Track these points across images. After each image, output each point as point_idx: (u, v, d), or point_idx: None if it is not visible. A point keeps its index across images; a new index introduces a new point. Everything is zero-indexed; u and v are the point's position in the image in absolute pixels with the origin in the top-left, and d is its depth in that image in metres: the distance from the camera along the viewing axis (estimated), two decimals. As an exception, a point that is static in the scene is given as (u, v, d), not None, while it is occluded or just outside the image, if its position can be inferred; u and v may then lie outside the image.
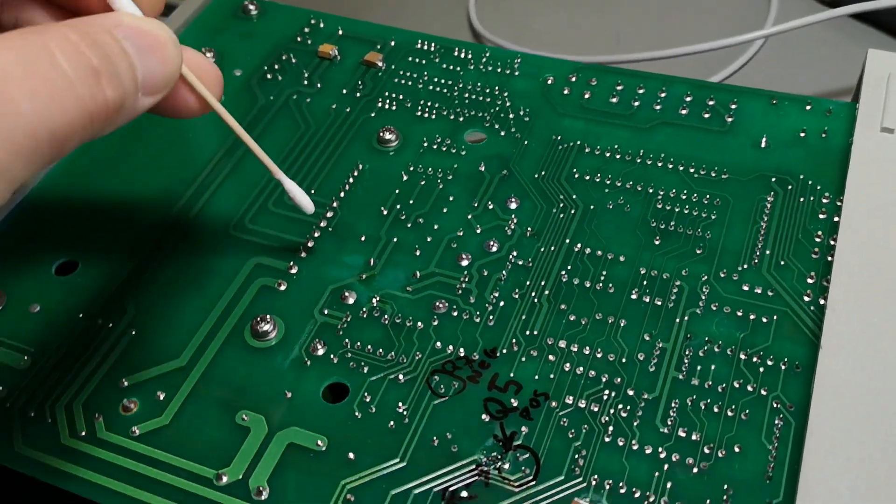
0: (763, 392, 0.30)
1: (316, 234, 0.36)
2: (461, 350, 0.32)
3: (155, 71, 0.24)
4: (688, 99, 0.40)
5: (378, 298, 0.34)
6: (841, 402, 0.28)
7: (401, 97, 0.42)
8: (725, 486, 0.28)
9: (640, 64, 0.48)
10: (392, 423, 0.30)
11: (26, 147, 0.20)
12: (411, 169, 0.39)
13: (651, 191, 0.37)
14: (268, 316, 0.33)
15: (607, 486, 0.28)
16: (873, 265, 0.31)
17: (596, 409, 0.30)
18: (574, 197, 0.37)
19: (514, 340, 0.32)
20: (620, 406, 0.30)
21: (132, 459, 0.30)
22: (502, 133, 0.40)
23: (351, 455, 0.29)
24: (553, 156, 0.38)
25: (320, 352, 0.32)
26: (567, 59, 0.44)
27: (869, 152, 0.35)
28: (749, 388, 0.30)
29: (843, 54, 0.51)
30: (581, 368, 0.31)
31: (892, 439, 0.27)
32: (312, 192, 0.38)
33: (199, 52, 0.27)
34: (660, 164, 0.38)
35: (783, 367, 0.30)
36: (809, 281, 0.33)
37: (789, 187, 0.36)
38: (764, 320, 0.32)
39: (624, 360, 0.31)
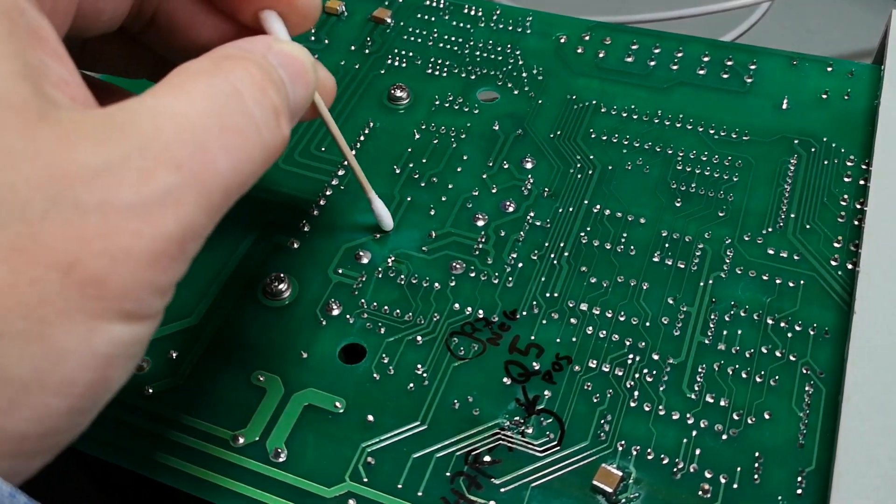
0: (792, 358, 0.29)
1: (328, 193, 0.35)
2: (480, 312, 0.31)
3: (300, 97, 0.23)
4: (705, 59, 0.39)
5: (393, 258, 0.33)
6: (876, 367, 0.27)
7: (410, 54, 0.41)
8: (756, 454, 0.27)
9: (648, 24, 0.47)
10: (411, 385, 0.29)
11: (220, 204, 0.20)
12: (423, 127, 0.38)
13: (670, 152, 0.36)
14: (281, 274, 0.32)
15: (634, 452, 0.27)
16: None
17: (620, 374, 0.29)
18: (591, 157, 0.36)
19: (534, 303, 0.31)
20: (646, 371, 0.29)
21: (145, 419, 0.29)
22: (515, 92, 0.39)
23: (370, 417, 0.29)
24: (568, 115, 0.38)
25: (335, 312, 0.31)
26: (576, 17, 0.43)
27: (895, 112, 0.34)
28: (777, 354, 0.29)
29: (850, 16, 0.51)
30: (604, 332, 0.30)
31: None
32: (323, 149, 0.37)
33: (320, 64, 0.27)
34: (678, 125, 0.37)
35: (812, 333, 0.30)
36: (836, 245, 0.32)
37: (812, 150, 0.35)
38: (791, 285, 0.31)
39: (648, 324, 0.30)
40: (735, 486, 0.27)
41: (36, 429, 0.18)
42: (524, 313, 0.31)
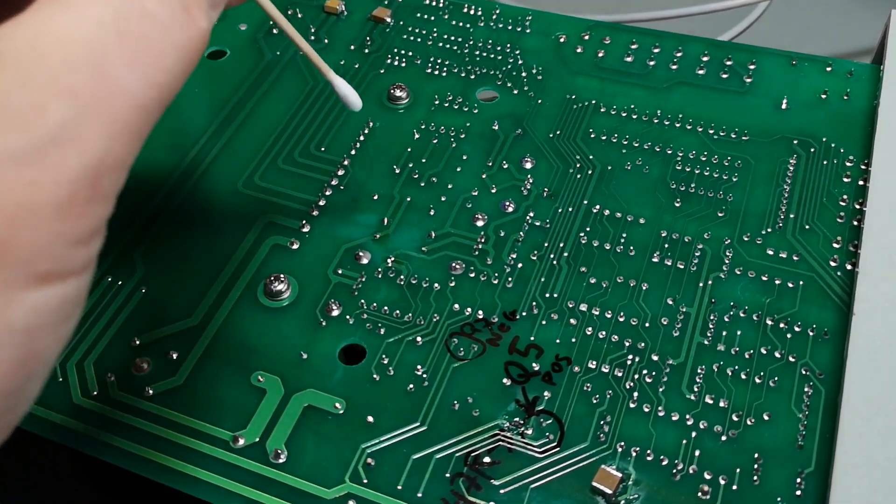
0: (791, 359, 0.29)
1: (327, 193, 0.35)
2: (479, 312, 0.31)
3: None
4: (704, 59, 0.39)
5: (393, 259, 0.33)
6: (876, 368, 0.27)
7: (410, 54, 0.41)
8: (756, 455, 0.27)
9: (646, 24, 0.46)
10: (411, 385, 0.29)
11: (137, 124, 0.17)
12: (423, 127, 0.38)
13: (670, 152, 0.36)
14: (281, 275, 0.32)
15: (634, 454, 0.28)
16: None
17: (620, 375, 0.29)
18: (591, 157, 0.36)
19: (533, 303, 0.31)
20: (645, 371, 0.29)
21: (146, 420, 0.29)
22: (515, 91, 0.39)
23: (370, 418, 0.29)
24: (568, 115, 0.38)
25: (335, 312, 0.32)
26: (575, 17, 0.43)
27: (895, 113, 0.34)
28: (777, 355, 0.29)
29: (849, 16, 0.50)
30: (603, 332, 0.30)
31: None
32: (323, 149, 0.37)
33: None
34: (678, 125, 0.37)
35: (811, 334, 0.30)
36: (836, 245, 0.32)
37: (812, 150, 0.35)
38: (790, 285, 0.31)
39: (647, 325, 0.30)
40: (734, 487, 0.27)
41: None
42: (524, 314, 0.31)
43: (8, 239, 0.15)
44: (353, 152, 0.37)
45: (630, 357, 0.30)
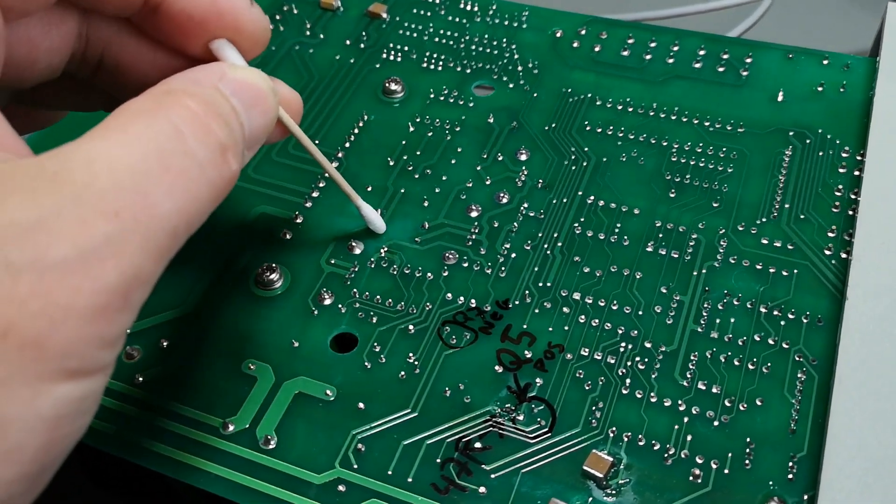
0: (785, 345, 0.29)
1: (321, 185, 0.35)
2: (472, 301, 0.31)
3: (258, 125, 0.23)
4: (701, 53, 0.39)
5: (386, 249, 0.33)
6: (868, 353, 0.27)
7: (406, 49, 0.41)
8: (748, 440, 0.27)
9: (646, 23, 0.46)
10: (403, 373, 0.29)
11: (167, 247, 0.19)
12: (418, 120, 0.38)
13: (665, 144, 0.36)
14: (273, 264, 0.32)
15: (626, 439, 0.27)
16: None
17: (612, 362, 0.29)
18: (586, 149, 0.36)
19: (526, 292, 0.31)
20: (637, 359, 0.29)
21: (135, 407, 0.29)
22: (511, 85, 0.39)
23: (361, 405, 0.29)
24: (563, 108, 0.38)
25: (327, 301, 0.31)
26: (572, 12, 0.43)
27: (891, 103, 0.34)
28: (770, 342, 0.29)
29: (848, 16, 0.50)
30: (596, 321, 0.30)
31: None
32: (317, 142, 0.36)
33: (281, 82, 0.27)
34: (673, 118, 0.37)
35: (805, 321, 0.30)
36: (830, 235, 0.32)
37: (807, 141, 0.35)
38: (784, 274, 0.31)
39: (640, 313, 0.30)
40: (726, 471, 0.26)
41: None
42: (516, 302, 0.31)
43: (47, 336, 0.16)
44: (347, 145, 0.37)
45: (623, 344, 0.29)
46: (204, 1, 0.24)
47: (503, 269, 0.32)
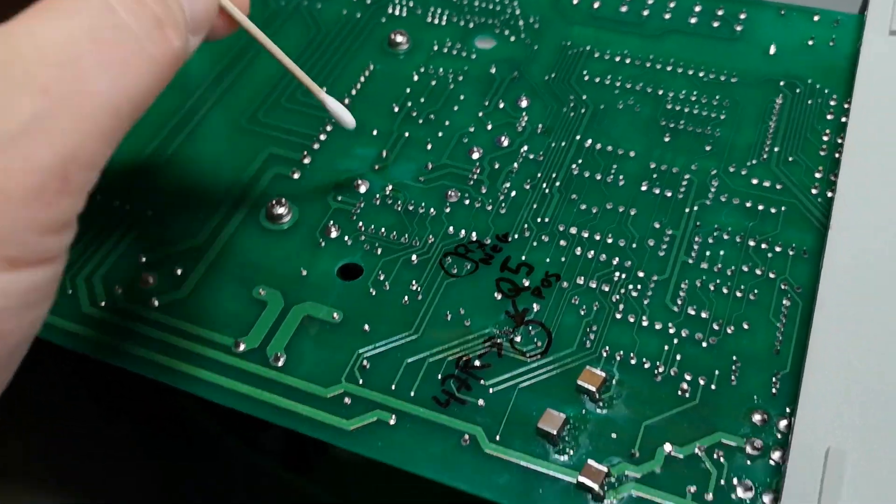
0: (771, 275, 0.30)
1: (328, 129, 0.37)
2: (473, 234, 0.32)
3: (199, 7, 0.22)
4: (697, 9, 0.40)
5: (391, 187, 0.34)
6: (848, 278, 0.28)
7: (411, 4, 0.42)
8: (734, 358, 0.28)
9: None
10: (406, 298, 0.31)
11: (109, 126, 0.18)
12: (422, 71, 0.39)
13: (661, 93, 0.37)
14: (282, 199, 0.33)
15: (618, 358, 0.29)
16: (880, 154, 0.32)
17: (607, 289, 0.30)
18: (584, 97, 0.37)
19: (525, 226, 0.33)
20: (631, 287, 0.30)
21: (151, 327, 0.31)
22: (512, 39, 0.40)
23: (366, 327, 0.30)
24: (563, 60, 0.39)
25: (334, 234, 0.33)
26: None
27: (877, 55, 0.35)
28: (757, 272, 0.30)
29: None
30: (592, 252, 0.32)
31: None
32: (325, 89, 0.38)
33: None
34: (669, 69, 0.38)
35: (791, 253, 0.31)
36: (817, 175, 0.33)
37: (797, 90, 0.36)
38: (772, 211, 0.32)
39: (634, 246, 0.32)
40: (713, 387, 0.28)
41: None
42: (515, 237, 0.32)
43: None
44: (353, 93, 0.38)
45: (617, 274, 0.31)
46: None
47: (503, 206, 0.33)
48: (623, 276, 0.31)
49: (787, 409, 0.27)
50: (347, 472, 0.37)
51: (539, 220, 0.33)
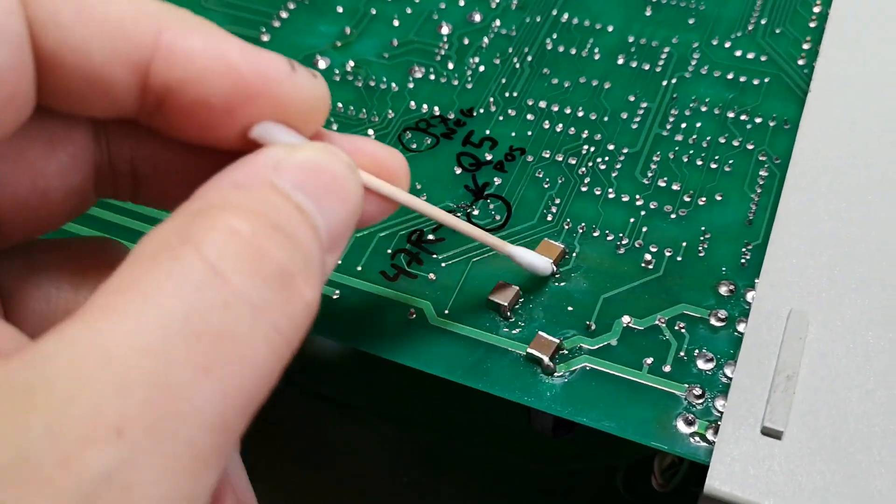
0: (749, 146, 0.28)
1: (291, 6, 0.34)
2: (436, 109, 0.30)
3: (338, 219, 0.16)
4: None
5: (353, 64, 0.32)
6: (824, 142, 0.27)
7: None
8: (703, 229, 0.26)
9: None
10: (359, 173, 0.29)
11: (213, 446, 0.13)
12: (394, -52, 0.37)
13: (644, -32, 0.35)
14: (235, 74, 0.31)
15: (580, 231, 0.27)
16: (865, 23, 0.30)
17: (573, 163, 0.28)
18: (563, -28, 0.35)
19: (491, 99, 0.31)
20: (599, 160, 0.29)
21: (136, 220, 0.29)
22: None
23: (315, 202, 0.28)
24: (544, -63, 0.36)
25: (289, 109, 0.31)
26: None
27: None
28: (735, 143, 0.28)
29: None
30: (560, 126, 0.30)
31: (868, 181, 0.26)
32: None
33: (372, 140, 0.20)
34: (655, -56, 0.35)
35: (772, 125, 0.29)
36: (805, 47, 0.31)
37: (789, -40, 0.34)
38: (755, 83, 0.30)
39: (606, 119, 0.30)
40: (679, 258, 0.26)
41: None
42: (481, 111, 0.30)
43: None
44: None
45: (585, 147, 0.29)
46: (224, 83, 0.16)
47: (469, 81, 0.31)
48: (592, 149, 0.29)
49: (757, 280, 0.24)
50: (307, 363, 0.35)
51: (507, 94, 0.31)
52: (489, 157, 0.29)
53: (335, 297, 0.26)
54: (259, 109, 0.17)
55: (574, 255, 0.26)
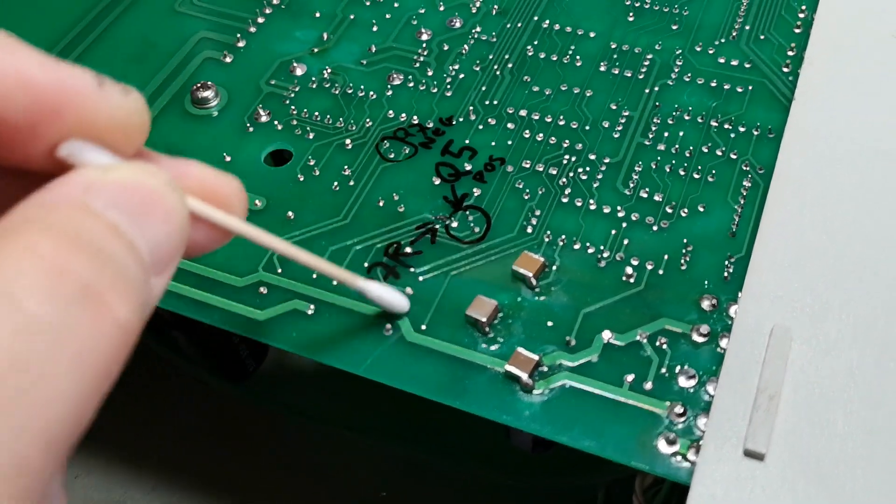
0: (733, 156, 0.28)
1: (267, 11, 0.34)
2: (415, 118, 0.30)
3: (159, 236, 0.15)
4: None
5: (330, 70, 0.31)
6: (808, 152, 0.26)
7: None
8: (685, 241, 0.26)
9: None
10: (336, 184, 0.28)
11: (38, 467, 0.12)
12: (374, -47, 0.36)
13: (626, -28, 0.34)
14: (208, 83, 0.31)
15: (561, 243, 0.26)
16: (850, 29, 0.30)
17: (554, 173, 0.28)
18: (545, -23, 0.34)
19: (471, 108, 0.30)
20: (580, 170, 0.28)
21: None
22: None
23: (290, 214, 0.28)
24: (525, -59, 0.36)
25: (263, 119, 0.30)
26: None
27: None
28: (718, 153, 0.28)
29: None
30: (541, 135, 0.29)
31: (854, 193, 0.25)
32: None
33: (201, 164, 0.18)
34: (637, -53, 0.35)
35: (756, 133, 0.28)
36: (790, 53, 0.30)
37: (773, -34, 0.33)
38: (739, 90, 0.30)
39: (587, 128, 0.29)
40: (660, 272, 0.25)
41: None
42: (460, 119, 0.30)
43: None
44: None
45: (567, 157, 0.28)
46: (23, 97, 0.15)
47: (449, 88, 0.31)
48: (573, 158, 0.28)
49: (740, 294, 0.24)
50: (286, 378, 0.35)
51: (487, 102, 0.30)
52: (468, 167, 0.28)
53: (310, 312, 0.25)
54: (65, 126, 0.15)
55: (554, 268, 0.26)
